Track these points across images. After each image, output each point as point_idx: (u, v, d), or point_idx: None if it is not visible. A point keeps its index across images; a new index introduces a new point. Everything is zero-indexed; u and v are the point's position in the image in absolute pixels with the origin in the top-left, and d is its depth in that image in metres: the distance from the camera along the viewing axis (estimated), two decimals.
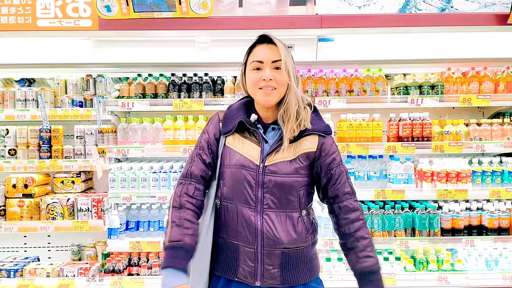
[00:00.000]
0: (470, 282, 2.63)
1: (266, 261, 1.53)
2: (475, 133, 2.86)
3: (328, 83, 2.83)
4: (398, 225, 2.75)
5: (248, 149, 1.57)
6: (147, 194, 2.79)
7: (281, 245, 1.52)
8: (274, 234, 1.52)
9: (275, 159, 1.54)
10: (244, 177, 1.53)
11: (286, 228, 1.53)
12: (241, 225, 1.54)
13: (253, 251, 1.53)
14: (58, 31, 2.61)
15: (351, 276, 1.64)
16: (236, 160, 1.56)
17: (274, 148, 1.55)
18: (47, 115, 2.87)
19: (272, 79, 1.54)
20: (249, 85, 1.61)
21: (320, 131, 1.60)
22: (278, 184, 1.52)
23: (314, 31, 2.62)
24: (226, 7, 2.72)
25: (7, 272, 2.81)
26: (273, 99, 1.56)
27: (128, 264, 2.82)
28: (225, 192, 1.59)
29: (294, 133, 1.54)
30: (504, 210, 2.79)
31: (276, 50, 1.55)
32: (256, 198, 1.53)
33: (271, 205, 1.53)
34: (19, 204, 2.85)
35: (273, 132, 1.62)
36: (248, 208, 1.53)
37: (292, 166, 1.54)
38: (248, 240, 1.53)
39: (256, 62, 1.57)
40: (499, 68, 2.93)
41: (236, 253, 1.56)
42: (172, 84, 2.89)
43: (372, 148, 2.74)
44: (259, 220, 1.52)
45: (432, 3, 2.67)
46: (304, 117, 1.57)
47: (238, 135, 1.61)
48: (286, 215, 1.54)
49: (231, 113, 1.66)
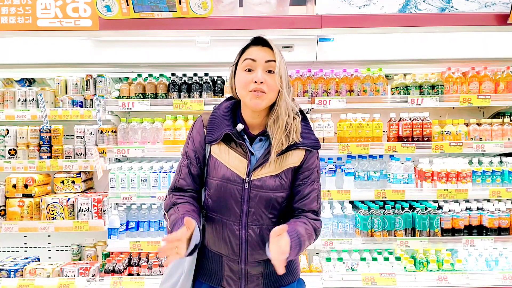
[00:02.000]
0: (470, 282, 2.62)
1: (250, 271, 1.54)
2: (475, 133, 2.86)
3: (328, 83, 2.83)
4: (398, 225, 2.75)
5: (235, 161, 1.51)
6: (147, 194, 2.79)
7: (264, 256, 1.52)
8: (258, 246, 1.51)
9: (261, 173, 1.50)
10: (230, 191, 1.50)
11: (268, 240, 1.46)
12: (226, 237, 1.52)
13: (237, 262, 1.53)
14: (58, 31, 2.62)
15: (351, 276, 1.64)
16: (223, 173, 1.51)
17: (260, 163, 1.50)
18: (47, 115, 2.87)
19: (264, 82, 1.46)
20: (238, 87, 1.54)
21: (309, 146, 1.55)
22: (264, 199, 1.49)
23: (314, 31, 2.62)
24: (226, 7, 2.72)
25: (7, 272, 2.81)
26: (263, 102, 1.48)
27: (128, 264, 2.83)
28: (210, 204, 1.56)
29: (282, 147, 1.49)
30: (504, 210, 2.79)
31: (271, 52, 1.49)
32: (241, 212, 1.50)
33: (255, 219, 1.51)
34: (19, 204, 2.85)
35: (260, 143, 1.56)
36: (232, 222, 1.51)
37: (277, 181, 1.51)
38: (232, 252, 1.52)
39: (249, 60, 1.49)
40: (499, 68, 2.93)
41: (220, 263, 1.56)
42: (172, 84, 2.89)
43: (372, 148, 2.74)
44: (243, 234, 1.51)
45: (432, 3, 2.67)
46: (294, 129, 1.52)
47: (224, 145, 1.54)
48: (268, 228, 1.47)
49: (216, 120, 1.58)
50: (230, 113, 1.61)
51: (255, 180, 1.49)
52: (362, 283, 2.59)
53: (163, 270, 2.69)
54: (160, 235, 2.84)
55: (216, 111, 1.63)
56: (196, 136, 1.60)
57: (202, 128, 1.60)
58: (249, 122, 1.59)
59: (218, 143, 1.54)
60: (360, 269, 2.70)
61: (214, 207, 1.55)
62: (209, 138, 1.56)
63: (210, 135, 1.56)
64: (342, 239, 2.72)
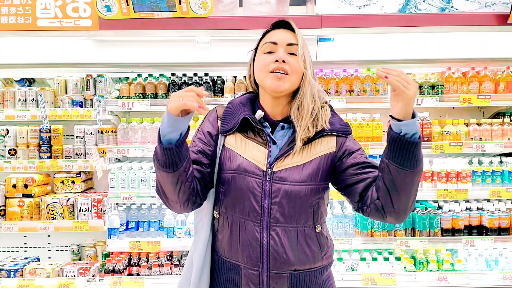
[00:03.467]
0: (470, 282, 2.62)
1: (273, 286, 1.31)
2: (475, 133, 2.86)
3: (328, 83, 2.83)
4: (398, 225, 2.75)
5: (253, 151, 1.33)
6: (147, 194, 2.79)
7: (290, 267, 1.31)
8: (282, 253, 1.29)
9: (285, 164, 1.31)
10: (248, 185, 1.30)
11: (297, 246, 1.31)
12: (244, 242, 1.31)
13: (257, 273, 1.31)
14: (58, 31, 2.61)
15: (351, 276, 1.62)
16: (238, 164, 1.32)
17: (284, 151, 1.32)
18: (47, 115, 2.87)
19: (286, 62, 1.31)
20: (257, 69, 1.37)
21: (338, 132, 1.37)
22: (289, 193, 1.29)
23: (314, 31, 2.62)
24: (226, 7, 2.72)
25: (7, 272, 2.80)
26: (285, 84, 1.31)
27: (128, 264, 2.82)
28: (224, 202, 1.36)
29: (309, 134, 1.32)
30: (504, 210, 2.79)
31: (293, 35, 1.36)
32: (262, 210, 1.30)
33: (279, 218, 1.30)
34: (19, 204, 2.85)
35: (282, 131, 1.38)
36: (252, 222, 1.30)
37: (305, 172, 1.31)
38: (252, 260, 1.31)
39: (269, 43, 1.35)
40: (499, 68, 2.93)
41: (237, 275, 1.34)
42: (172, 84, 2.89)
43: (372, 148, 2.74)
44: (265, 237, 1.29)
45: (432, 3, 2.67)
46: (322, 116, 1.35)
47: (240, 135, 1.37)
48: (297, 231, 1.31)
49: (232, 109, 1.41)
50: (248, 101, 1.45)
51: (279, 172, 1.30)
52: (362, 283, 2.59)
53: (163, 270, 2.71)
54: (160, 235, 2.84)
55: (232, 101, 1.47)
56: (207, 126, 1.43)
57: (215, 120, 1.43)
58: (269, 111, 1.41)
59: (234, 133, 1.37)
60: (360, 269, 2.69)
61: (229, 205, 1.34)
62: (223, 127, 1.39)
63: (225, 124, 1.39)
64: (342, 239, 2.72)
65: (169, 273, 2.73)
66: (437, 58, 2.83)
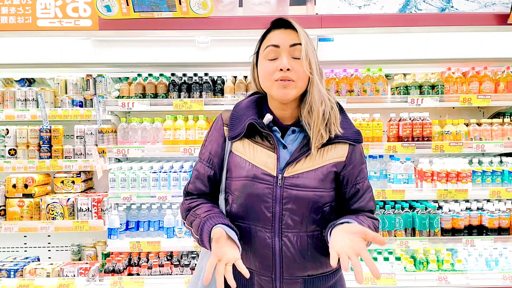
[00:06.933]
0: (470, 282, 2.62)
1: None
2: (475, 133, 2.86)
3: (328, 83, 2.83)
4: (398, 225, 2.75)
5: (262, 157, 1.31)
6: (147, 194, 2.79)
7: (304, 272, 1.31)
8: (296, 259, 1.29)
9: (296, 169, 1.29)
10: (258, 191, 1.29)
11: (310, 251, 1.30)
12: (255, 249, 1.31)
13: (269, 279, 1.31)
14: (58, 31, 2.61)
15: (351, 276, 1.61)
16: (247, 171, 1.31)
17: (296, 157, 1.29)
18: (47, 115, 2.87)
19: (290, 70, 1.27)
20: (262, 78, 1.34)
21: (351, 140, 1.35)
22: (300, 199, 1.28)
23: (314, 31, 2.62)
24: (226, 7, 2.72)
25: (7, 272, 2.81)
26: (291, 92, 1.28)
27: (128, 264, 2.83)
28: (234, 210, 1.34)
29: (323, 140, 1.29)
30: (504, 210, 2.79)
31: (295, 35, 1.29)
32: (273, 217, 1.28)
33: (291, 224, 1.28)
34: (19, 204, 2.85)
35: (293, 135, 1.35)
36: (263, 229, 1.30)
37: (317, 178, 1.29)
38: (264, 267, 1.30)
39: (271, 47, 1.29)
40: (499, 68, 2.93)
41: (249, 282, 1.33)
42: (172, 84, 2.89)
43: (372, 148, 2.74)
44: (277, 243, 1.28)
45: (432, 3, 2.67)
46: (334, 121, 1.32)
47: (248, 140, 1.34)
48: (309, 236, 1.30)
49: (238, 113, 1.38)
50: (255, 104, 1.41)
51: (290, 177, 1.28)
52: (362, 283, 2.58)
53: (163, 270, 2.71)
54: (160, 235, 2.84)
55: (238, 105, 1.43)
56: (214, 136, 1.42)
57: (221, 127, 1.41)
58: (278, 114, 1.38)
59: (241, 139, 1.35)
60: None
61: (239, 212, 1.33)
62: (230, 134, 1.36)
63: (232, 131, 1.36)
64: None
65: (169, 273, 2.74)
66: (437, 58, 2.82)
